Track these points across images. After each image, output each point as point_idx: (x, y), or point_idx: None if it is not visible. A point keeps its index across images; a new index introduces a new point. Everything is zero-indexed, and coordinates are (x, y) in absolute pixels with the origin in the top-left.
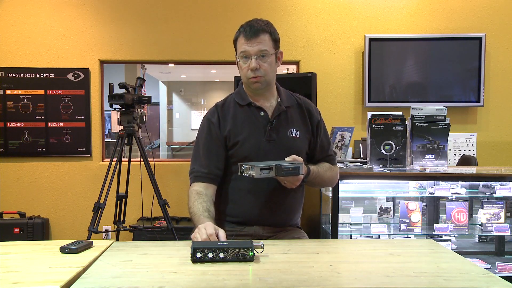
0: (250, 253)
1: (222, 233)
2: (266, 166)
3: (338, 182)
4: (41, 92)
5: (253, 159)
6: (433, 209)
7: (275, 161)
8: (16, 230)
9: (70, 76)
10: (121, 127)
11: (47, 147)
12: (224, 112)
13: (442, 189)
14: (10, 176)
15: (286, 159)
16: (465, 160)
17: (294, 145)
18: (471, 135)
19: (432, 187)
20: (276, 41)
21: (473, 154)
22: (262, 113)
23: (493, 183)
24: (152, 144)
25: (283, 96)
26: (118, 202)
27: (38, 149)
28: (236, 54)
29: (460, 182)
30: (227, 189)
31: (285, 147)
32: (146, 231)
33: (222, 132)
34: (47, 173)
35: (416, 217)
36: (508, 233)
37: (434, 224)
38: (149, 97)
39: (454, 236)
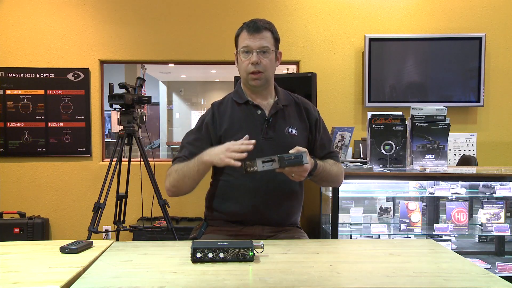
0: (250, 253)
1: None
2: (268, 158)
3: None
4: (41, 92)
5: (250, 157)
6: (433, 209)
7: (275, 155)
8: (16, 230)
9: (70, 76)
10: (121, 127)
11: (47, 147)
12: (221, 111)
13: (442, 189)
14: (10, 176)
15: (290, 151)
16: (465, 160)
17: (292, 143)
18: (471, 135)
19: (432, 187)
20: (277, 40)
21: (473, 154)
22: (259, 111)
23: (493, 183)
24: (152, 144)
25: (280, 95)
26: (118, 202)
27: (38, 149)
28: (236, 50)
29: (460, 182)
30: (225, 188)
31: (283, 145)
32: (146, 231)
33: (218, 131)
34: (47, 173)
35: (416, 217)
36: (508, 233)
37: (434, 224)
38: (149, 97)
39: (454, 236)
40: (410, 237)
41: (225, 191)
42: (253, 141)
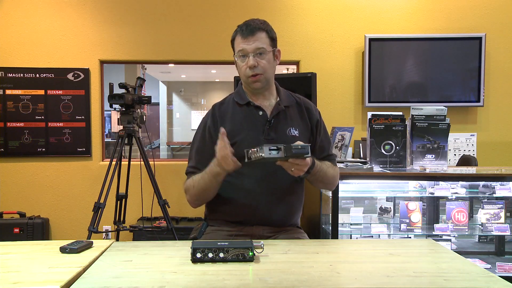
0: (250, 253)
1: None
2: (274, 146)
3: (338, 182)
4: (41, 92)
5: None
6: (433, 209)
7: (282, 144)
8: (16, 230)
9: (70, 76)
10: (121, 127)
11: (47, 147)
12: (222, 113)
13: (442, 189)
14: (10, 176)
15: (292, 144)
16: (465, 160)
17: None
18: (471, 135)
19: (432, 187)
20: (273, 39)
21: (473, 154)
22: (260, 112)
23: (493, 183)
24: (152, 144)
25: (282, 95)
26: (118, 202)
27: (38, 149)
28: (234, 54)
29: (460, 182)
30: (226, 189)
31: None
32: (146, 231)
33: (219, 134)
34: (47, 173)
35: (416, 217)
36: (508, 233)
37: (434, 224)
38: (149, 97)
39: (454, 236)
40: (410, 237)
41: (225, 191)
42: (222, 129)
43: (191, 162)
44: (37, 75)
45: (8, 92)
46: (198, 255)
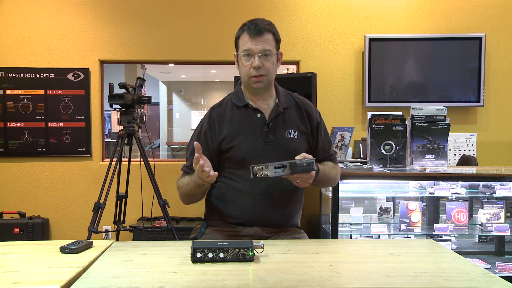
0: (250, 253)
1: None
2: (279, 164)
3: (338, 182)
4: (41, 92)
5: (250, 161)
6: (433, 209)
7: (287, 161)
8: (16, 230)
9: (70, 76)
10: (121, 127)
11: (47, 147)
12: (220, 115)
13: (442, 189)
14: (10, 176)
15: (297, 157)
16: (465, 160)
17: (292, 146)
18: (471, 135)
19: (432, 187)
20: (278, 41)
21: (473, 154)
22: (259, 115)
23: (493, 183)
24: (152, 144)
25: (281, 96)
26: (118, 202)
27: (38, 149)
28: (236, 52)
29: (460, 182)
30: (225, 190)
31: (283, 148)
32: (146, 231)
33: (217, 136)
34: (47, 173)
35: (416, 217)
36: (508, 233)
37: (434, 224)
38: (149, 97)
39: (454, 236)
40: (410, 237)
41: (225, 193)
42: (196, 143)
43: (187, 162)
44: (37, 75)
45: (8, 92)
46: (198, 255)
